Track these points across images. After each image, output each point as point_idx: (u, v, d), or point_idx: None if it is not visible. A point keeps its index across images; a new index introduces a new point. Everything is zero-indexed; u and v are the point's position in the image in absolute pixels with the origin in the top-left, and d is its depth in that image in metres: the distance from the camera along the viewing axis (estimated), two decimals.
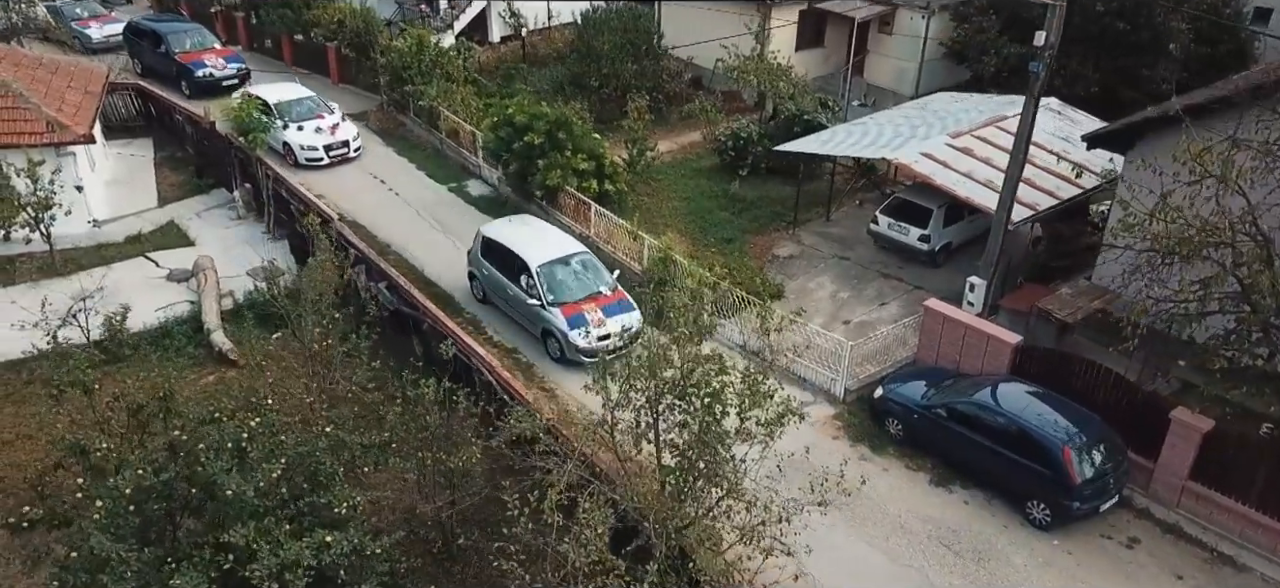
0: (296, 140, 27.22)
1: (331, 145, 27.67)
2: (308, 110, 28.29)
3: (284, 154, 27.36)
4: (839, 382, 18.59)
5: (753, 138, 27.74)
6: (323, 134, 27.61)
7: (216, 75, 31.80)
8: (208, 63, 32.15)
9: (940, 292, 22.26)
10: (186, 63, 31.86)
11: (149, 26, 34.06)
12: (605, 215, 23.75)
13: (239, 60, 33.07)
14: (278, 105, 27.88)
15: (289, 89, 29.36)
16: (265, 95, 28.30)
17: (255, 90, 28.95)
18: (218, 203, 26.86)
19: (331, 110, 28.68)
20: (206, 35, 34.09)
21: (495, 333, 20.65)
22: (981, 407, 16.17)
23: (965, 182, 21.57)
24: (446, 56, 30.83)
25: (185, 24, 35.17)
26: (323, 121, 28.04)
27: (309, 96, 28.88)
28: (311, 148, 27.30)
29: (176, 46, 32.40)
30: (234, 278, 22.95)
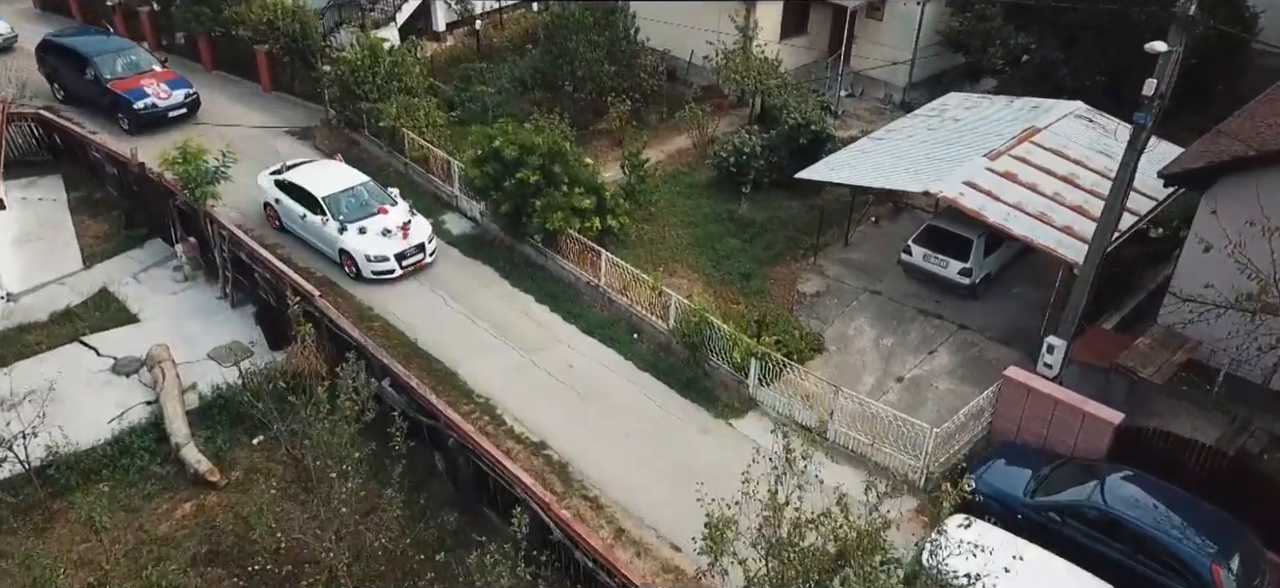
0: (360, 248, 21.24)
1: (404, 253, 21.65)
2: (365, 204, 22.28)
3: (340, 263, 21.88)
4: (920, 468, 16.67)
5: (755, 152, 25.37)
6: (392, 238, 21.52)
7: (161, 106, 27.34)
8: (149, 91, 27.44)
9: (987, 330, 20.73)
10: (122, 92, 27.21)
11: (69, 45, 28.76)
12: (620, 265, 21.18)
13: (185, 84, 28.39)
14: (327, 200, 21.97)
15: (334, 173, 23.19)
16: (304, 182, 22.44)
17: (291, 174, 22.88)
18: (156, 259, 23.24)
19: (395, 201, 22.89)
20: (140, 54, 29.13)
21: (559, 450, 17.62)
22: (1105, 512, 14.43)
23: (1018, 216, 19.73)
24: (403, 66, 27.42)
25: (113, 41, 29.80)
26: (388, 219, 21.94)
27: (361, 183, 22.91)
28: (381, 259, 21.35)
29: (107, 71, 27.56)
30: (194, 364, 19.68)
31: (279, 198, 22.87)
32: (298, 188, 22.53)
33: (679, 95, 30.99)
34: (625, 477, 16.94)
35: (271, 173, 23.45)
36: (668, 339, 20.03)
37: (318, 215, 21.97)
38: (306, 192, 22.32)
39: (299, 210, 22.38)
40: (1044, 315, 20.39)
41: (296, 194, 22.54)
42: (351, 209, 22.09)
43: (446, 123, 27.16)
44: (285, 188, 22.82)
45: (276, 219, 23.13)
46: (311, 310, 18.89)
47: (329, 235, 21.83)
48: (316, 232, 22.14)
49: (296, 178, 22.75)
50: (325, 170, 23.47)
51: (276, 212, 23.05)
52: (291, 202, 22.61)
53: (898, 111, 30.76)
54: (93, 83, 27.59)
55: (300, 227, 22.53)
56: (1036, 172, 21.19)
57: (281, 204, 22.84)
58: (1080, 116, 23.68)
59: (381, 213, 22.15)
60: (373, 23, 32.69)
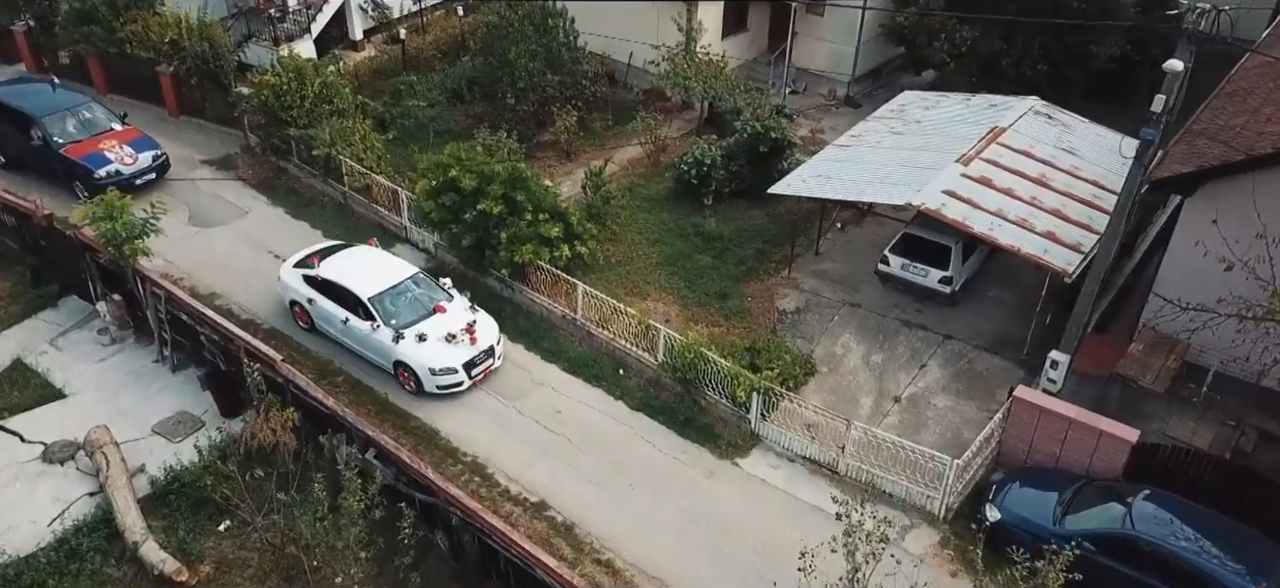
0: (422, 359, 17.95)
1: (474, 360, 18.40)
2: (419, 302, 19.07)
3: (394, 375, 18.59)
4: (940, 500, 16.22)
5: (716, 163, 24.53)
6: (459, 344, 18.27)
7: (126, 172, 23.57)
8: (110, 156, 23.64)
9: (972, 338, 20.50)
10: (80, 159, 23.33)
11: (6, 103, 24.35)
12: (598, 296, 20.09)
13: (150, 144, 24.71)
14: (375, 302, 18.63)
15: (376, 265, 19.76)
16: (343, 280, 18.96)
17: (324, 267, 19.41)
18: (76, 320, 20.98)
19: (451, 294, 19.71)
20: (95, 109, 25.15)
21: (561, 509, 16.47)
22: (1141, 540, 14.21)
23: (1002, 225, 19.45)
24: (332, 87, 25.52)
25: (62, 96, 25.12)
26: (448, 319, 18.68)
27: (410, 276, 19.55)
28: (447, 371, 18.09)
29: (57, 133, 23.74)
30: (139, 442, 17.78)
31: (312, 298, 19.37)
32: (335, 286, 19.06)
33: (622, 101, 29.94)
34: (637, 534, 15.99)
35: (297, 265, 20.00)
36: (657, 374, 19.10)
37: (365, 320, 18.59)
38: (347, 291, 18.87)
39: (339, 314, 18.93)
40: (1024, 319, 20.34)
41: (334, 293, 19.08)
42: (404, 310, 18.81)
43: (384, 146, 25.41)
44: (318, 285, 19.34)
45: (307, 320, 19.88)
46: (273, 377, 17.21)
47: (381, 345, 18.43)
48: (364, 340, 18.73)
49: (332, 273, 19.22)
50: (363, 262, 19.88)
51: (308, 312, 19.73)
52: (329, 303, 19.12)
53: (843, 106, 30.48)
54: (41, 148, 23.59)
55: (342, 333, 19.10)
56: (1009, 175, 20.98)
57: (315, 306, 19.37)
58: (1039, 113, 23.63)
59: (438, 311, 18.91)
60: (286, 36, 30.51)
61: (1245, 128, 18.08)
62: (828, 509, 16.32)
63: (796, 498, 16.71)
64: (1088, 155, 22.30)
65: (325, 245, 21.21)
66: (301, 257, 20.37)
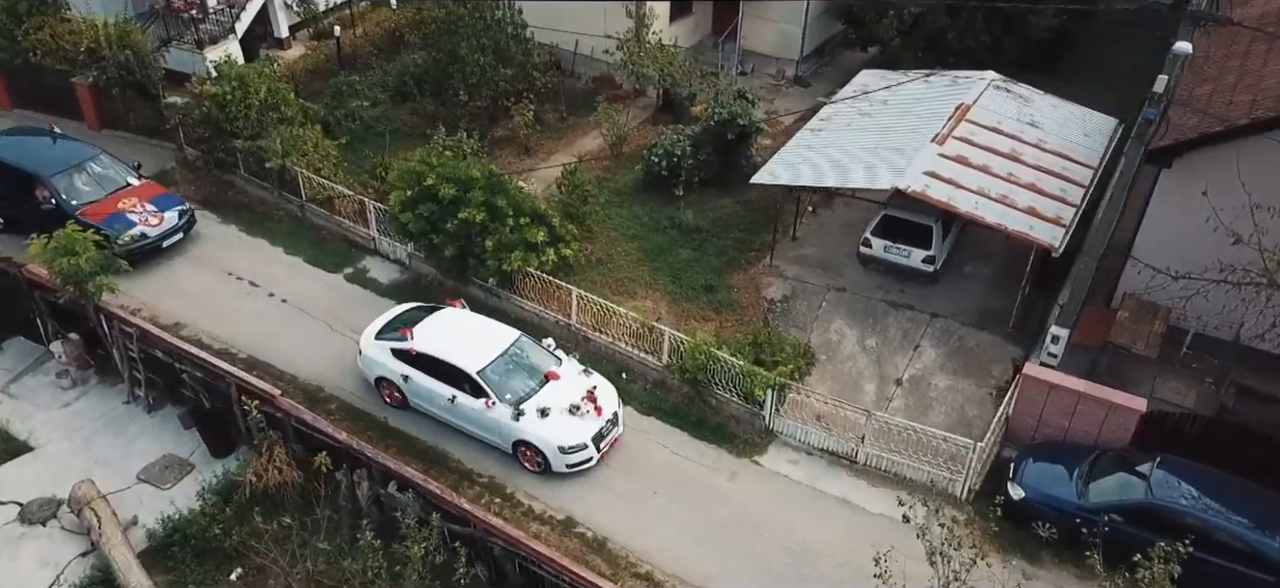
0: (549, 437, 16.25)
1: (602, 431, 16.81)
2: (530, 371, 17.28)
3: (513, 455, 16.86)
4: (962, 482, 16.55)
5: (685, 153, 24.32)
6: (584, 415, 16.59)
7: (153, 235, 20.87)
8: (133, 217, 20.72)
9: (958, 315, 20.95)
10: (98, 223, 19.94)
11: (8, 161, 21.32)
12: (593, 299, 19.71)
13: (175, 201, 22.05)
14: (485, 377, 16.72)
15: (474, 333, 17.81)
16: (445, 354, 16.96)
17: (418, 339, 17.30)
18: (25, 363, 19.52)
19: (559, 357, 17.92)
20: (105, 161, 22.24)
21: (589, 524, 16.00)
22: (1165, 509, 14.76)
23: (986, 203, 19.86)
24: (278, 94, 24.24)
25: (65, 148, 22.21)
26: (564, 387, 16.99)
27: (514, 342, 17.64)
28: (577, 447, 16.41)
29: (69, 193, 20.88)
30: (125, 492, 16.66)
31: (407, 375, 17.34)
32: (435, 361, 17.11)
33: (575, 92, 29.39)
34: (670, 543, 15.83)
35: (381, 337, 17.94)
36: (662, 375, 18.90)
37: (475, 398, 16.73)
38: (451, 366, 16.92)
39: (443, 392, 16.98)
40: (1001, 292, 21.03)
41: (434, 369, 17.13)
42: (516, 382, 16.98)
43: (340, 153, 24.29)
44: (413, 360, 17.32)
45: (397, 398, 17.90)
46: (273, 413, 16.32)
47: (498, 423, 16.64)
48: (476, 419, 16.87)
49: (429, 347, 17.20)
50: (460, 329, 17.94)
51: (400, 390, 17.72)
52: (429, 380, 17.15)
53: (793, 86, 30.61)
54: (51, 211, 20.36)
55: (448, 412, 17.19)
56: (983, 152, 21.42)
57: (412, 384, 17.34)
58: (999, 88, 24.18)
59: (551, 379, 17.20)
60: (209, 37, 28.83)
61: (1212, 97, 18.86)
62: (854, 501, 16.68)
63: (822, 492, 16.81)
64: (1049, 128, 22.95)
65: (402, 311, 19.05)
66: (384, 326, 18.35)
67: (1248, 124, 16.75)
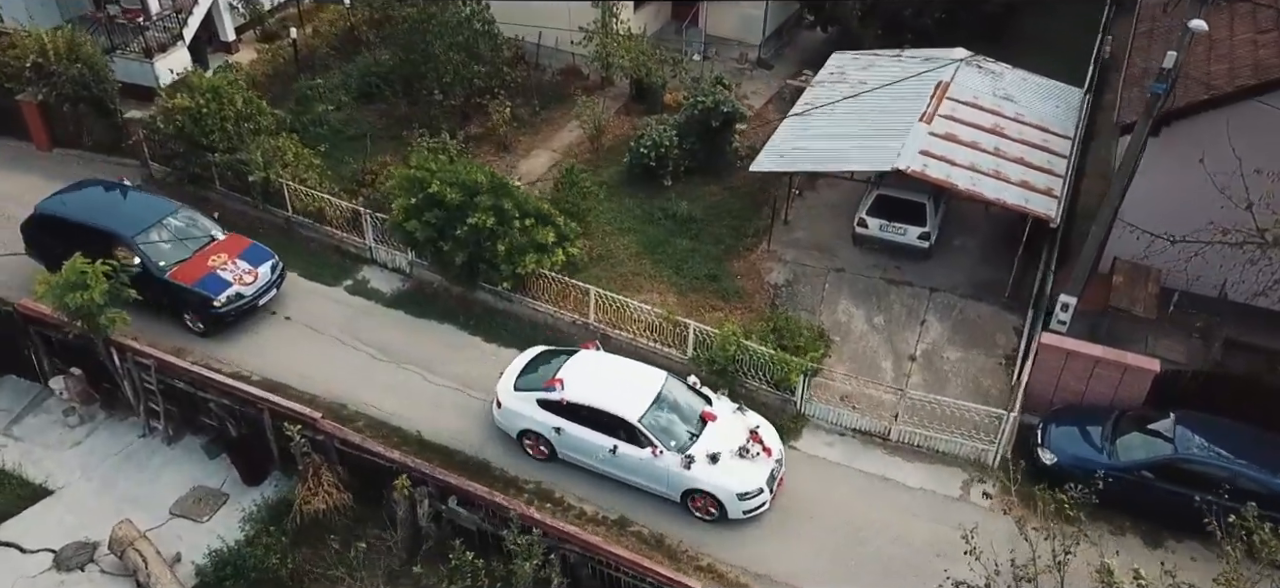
0: (725, 484, 15.54)
1: (773, 472, 16.15)
2: (686, 415, 16.51)
3: (682, 504, 16.11)
4: (995, 452, 17.28)
5: (672, 143, 24.48)
6: (755, 458, 15.92)
7: (248, 294, 19.42)
8: (227, 276, 19.35)
9: (956, 288, 21.76)
10: (192, 285, 18.91)
11: (78, 220, 19.41)
12: (611, 298, 19.77)
13: (266, 254, 20.39)
14: (647, 424, 15.93)
15: (623, 378, 16.96)
16: (600, 402, 16.12)
17: (569, 389, 16.34)
18: (23, 402, 18.49)
19: (707, 395, 17.26)
20: (186, 215, 20.44)
21: (643, 522, 16.06)
22: (1192, 462, 15.71)
23: (981, 178, 20.62)
24: (254, 104, 23.44)
25: (141, 201, 20.50)
26: (724, 428, 16.40)
27: (664, 382, 16.82)
28: (754, 492, 15.70)
29: (156, 254, 19.17)
30: (160, 529, 16.06)
31: (559, 428, 16.46)
32: (590, 411, 16.26)
33: (542, 85, 29.18)
34: (724, 535, 16.08)
35: (520, 386, 17.02)
36: (687, 368, 19.06)
37: (638, 447, 15.96)
38: (609, 416, 16.10)
39: (602, 443, 16.14)
40: (990, 263, 22.05)
41: (590, 419, 16.30)
42: (676, 427, 16.23)
43: (322, 161, 23.67)
44: (561, 410, 16.47)
45: (544, 451, 17.00)
46: (315, 437, 15.95)
47: (667, 473, 15.88)
48: (639, 469, 16.12)
49: (582, 396, 16.30)
50: (607, 374, 17.04)
51: (548, 442, 16.83)
52: (584, 431, 16.29)
53: (757, 68, 30.99)
54: (138, 275, 18.46)
55: (607, 464, 16.37)
56: (969, 129, 22.18)
57: (565, 436, 16.47)
58: (970, 64, 24.97)
59: (709, 420, 16.52)
60: (158, 45, 27.60)
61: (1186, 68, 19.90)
62: (893, 478, 17.29)
63: (862, 472, 17.31)
64: (1023, 101, 23.88)
65: (532, 356, 18.00)
66: (521, 374, 17.37)
67: (1235, 90, 17.77)
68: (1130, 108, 19.97)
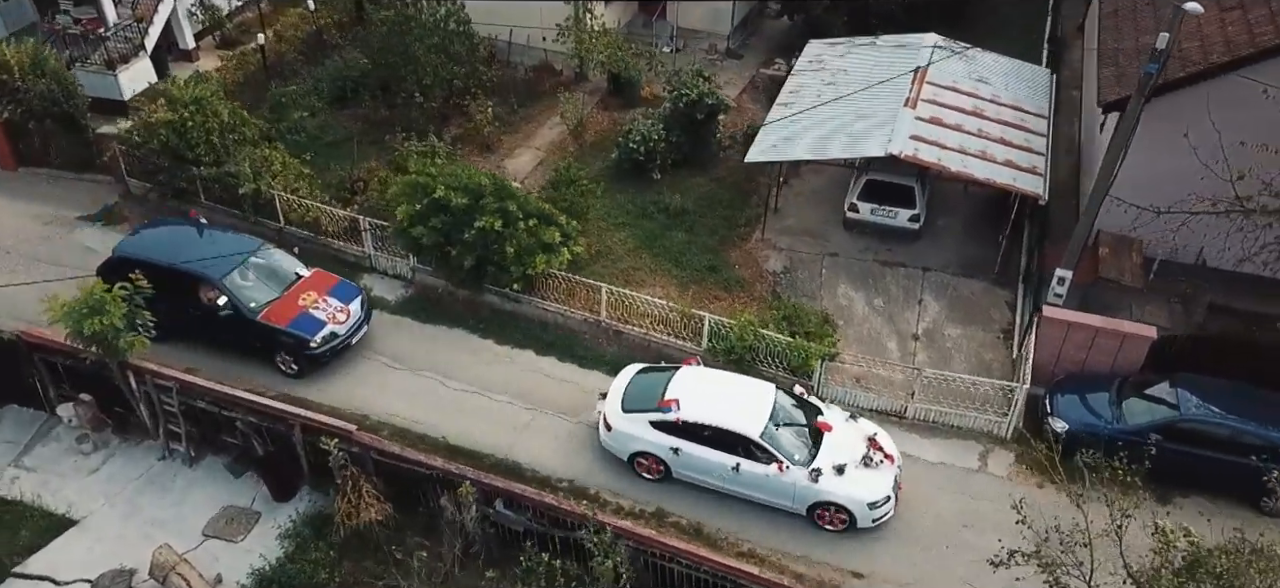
0: (858, 495, 15.66)
1: (897, 479, 16.33)
2: (802, 426, 16.69)
3: (807, 516, 16.12)
4: (1008, 423, 18.02)
5: (660, 137, 24.75)
6: (878, 466, 16.03)
7: (342, 332, 18.70)
8: (320, 315, 18.56)
9: (947, 266, 22.52)
10: (287, 327, 18.19)
11: (162, 262, 18.26)
12: (624, 294, 20.03)
13: (354, 290, 19.75)
14: (769, 439, 15.90)
15: (736, 392, 16.86)
16: (717, 420, 15.96)
17: (684, 408, 16.10)
18: (30, 432, 18.02)
19: (818, 407, 17.28)
20: (270, 253, 19.74)
21: (679, 512, 16.26)
22: (1201, 422, 16.63)
23: (970, 160, 21.37)
24: (237, 114, 23.01)
25: (228, 242, 19.60)
26: (839, 437, 16.52)
27: (774, 394, 16.82)
28: (883, 501, 15.89)
29: (245, 295, 18.38)
30: (195, 552, 15.83)
31: (677, 448, 16.31)
32: (710, 430, 16.11)
33: (516, 83, 29.14)
34: (759, 518, 16.48)
35: (629, 409, 16.77)
36: (701, 359, 19.40)
37: (761, 463, 15.95)
38: (728, 432, 15.98)
39: (722, 461, 16.04)
40: (974, 241, 22.99)
41: (709, 438, 16.18)
42: (795, 438, 16.33)
43: (313, 171, 23.36)
44: (675, 430, 16.30)
45: (658, 469, 16.84)
46: (350, 449, 15.87)
47: (793, 487, 15.89)
48: (763, 485, 16.08)
49: (700, 415, 16.12)
50: (716, 389, 16.90)
51: (662, 462, 16.71)
52: (704, 450, 16.19)
53: (726, 59, 31.37)
54: (229, 317, 18.07)
55: (727, 482, 16.29)
56: (952, 112, 22.90)
57: (683, 456, 16.36)
58: (941, 47, 25.69)
59: (825, 430, 16.54)
60: (119, 56, 26.81)
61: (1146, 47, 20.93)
62: (913, 453, 17.86)
63: None
64: (997, 82, 24.71)
65: (633, 376, 17.72)
66: (625, 397, 17.12)
67: (1220, 64, 18.72)
68: (1109, 87, 20.87)
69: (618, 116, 27.93)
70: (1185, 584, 11.37)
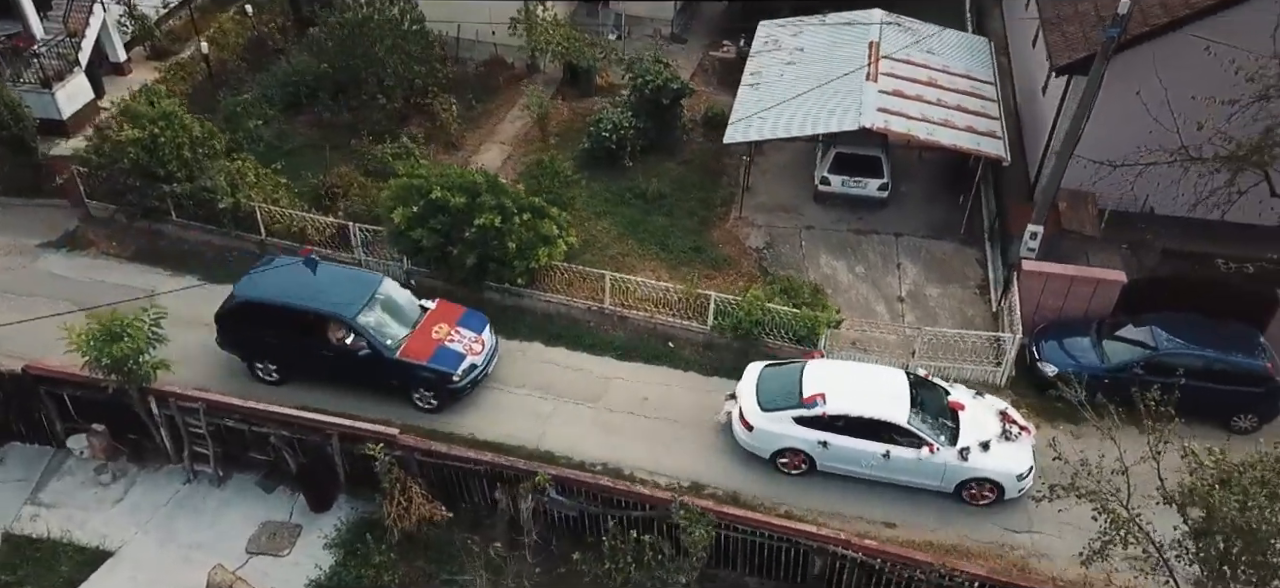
0: (1006, 468, 16.40)
1: (1034, 448, 17.11)
2: (940, 407, 17.26)
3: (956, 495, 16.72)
4: (1003, 371, 19.29)
5: (629, 124, 25.24)
6: (1017, 439, 16.72)
7: (480, 363, 18.32)
8: (456, 347, 18.10)
9: (917, 230, 23.77)
10: (427, 362, 17.71)
11: (291, 304, 17.86)
12: (628, 280, 20.50)
13: (481, 319, 19.20)
14: (915, 424, 16.53)
15: (871, 381, 17.38)
16: (865, 410, 16.48)
17: (828, 403, 16.60)
18: (39, 469, 17.30)
19: (944, 388, 17.85)
20: (387, 286, 18.87)
21: (715, 484, 16.83)
22: (1178, 355, 18.12)
23: (938, 129, 22.59)
24: (206, 127, 22.42)
25: (349, 278, 19.17)
26: (973, 414, 17.17)
27: (908, 378, 17.41)
28: (1028, 470, 16.65)
29: (382, 333, 17.77)
30: (242, 570, 15.59)
31: (825, 441, 16.72)
32: (858, 421, 16.52)
33: (476, 79, 29.15)
34: (792, 483, 17.30)
35: (768, 407, 17.05)
36: (707, 338, 20.10)
37: (912, 447, 16.43)
38: (877, 421, 16.45)
39: (870, 450, 16.46)
40: (936, 203, 24.44)
41: (857, 429, 16.57)
42: (938, 421, 16.87)
43: (288, 181, 22.99)
44: (821, 424, 16.68)
45: (801, 464, 17.23)
46: (395, 453, 15.95)
47: (943, 467, 16.40)
48: (914, 468, 16.58)
49: (846, 407, 16.57)
50: (852, 380, 17.35)
51: (807, 456, 17.09)
52: (852, 441, 16.60)
53: (671, 44, 31.95)
54: (367, 357, 17.61)
55: (877, 469, 16.70)
56: (911, 84, 24.08)
57: (831, 448, 16.74)
58: (888, 23, 26.90)
59: (956, 409, 17.13)
60: (55, 73, 25.68)
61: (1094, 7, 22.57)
62: None
63: None
64: (943, 53, 26.06)
65: (759, 374, 17.95)
66: (764, 396, 17.31)
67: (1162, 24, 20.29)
68: (1059, 51, 22.36)
69: (576, 106, 28.27)
70: (1222, 496, 12.57)
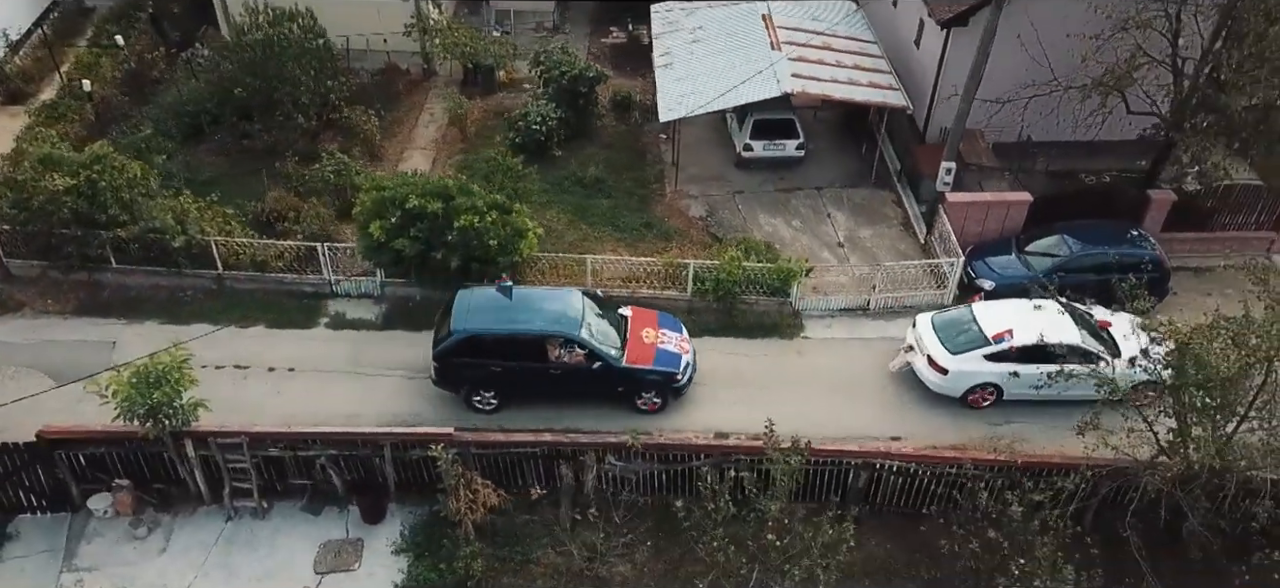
0: None
1: None
2: (1091, 327, 19.63)
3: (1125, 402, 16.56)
4: (949, 292, 21.85)
5: (553, 115, 26.14)
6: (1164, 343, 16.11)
7: (691, 360, 19.34)
8: (670, 347, 19.04)
9: (835, 182, 26.09)
10: (651, 366, 18.61)
11: (517, 332, 18.43)
12: (610, 259, 21.56)
13: (676, 320, 20.21)
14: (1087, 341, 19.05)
15: (1026, 313, 19.37)
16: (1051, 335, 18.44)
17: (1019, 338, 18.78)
18: (61, 538, 16.27)
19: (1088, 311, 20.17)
20: (573, 298, 19.19)
21: None
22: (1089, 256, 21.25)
23: (850, 87, 24.93)
24: (142, 168, 21.43)
25: (548, 296, 19.58)
26: (1120, 327, 19.65)
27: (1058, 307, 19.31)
28: None
29: (605, 344, 18.53)
30: None
31: (1016, 372, 18.41)
32: (1036, 349, 18.31)
33: (376, 87, 28.94)
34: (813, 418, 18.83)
35: (957, 350, 18.98)
36: (690, 302, 21.46)
37: (1087, 363, 17.29)
38: (1060, 345, 18.14)
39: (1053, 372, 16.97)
40: (843, 153, 27.02)
41: (1039, 356, 18.22)
42: (1100, 339, 19.29)
43: (235, 211, 22.35)
44: (1009, 356, 18.68)
45: (990, 397, 19.37)
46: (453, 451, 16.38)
47: (1120, 377, 16.69)
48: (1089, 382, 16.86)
49: (1026, 339, 18.61)
50: (1017, 315, 19.34)
51: (997, 389, 19.19)
52: (1035, 367, 18.13)
53: (554, 35, 32.82)
54: (598, 370, 18.30)
55: (1058, 388, 16.88)
56: (810, 49, 26.32)
57: (1021, 377, 18.36)
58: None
59: (1105, 326, 19.73)
60: None
61: None
62: (890, 335, 21.06)
63: (865, 339, 21.03)
64: (824, 18, 28.47)
65: (928, 319, 19.96)
66: (948, 341, 19.20)
67: None
68: (940, 8, 25.14)
69: (484, 105, 28.74)
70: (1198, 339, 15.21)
